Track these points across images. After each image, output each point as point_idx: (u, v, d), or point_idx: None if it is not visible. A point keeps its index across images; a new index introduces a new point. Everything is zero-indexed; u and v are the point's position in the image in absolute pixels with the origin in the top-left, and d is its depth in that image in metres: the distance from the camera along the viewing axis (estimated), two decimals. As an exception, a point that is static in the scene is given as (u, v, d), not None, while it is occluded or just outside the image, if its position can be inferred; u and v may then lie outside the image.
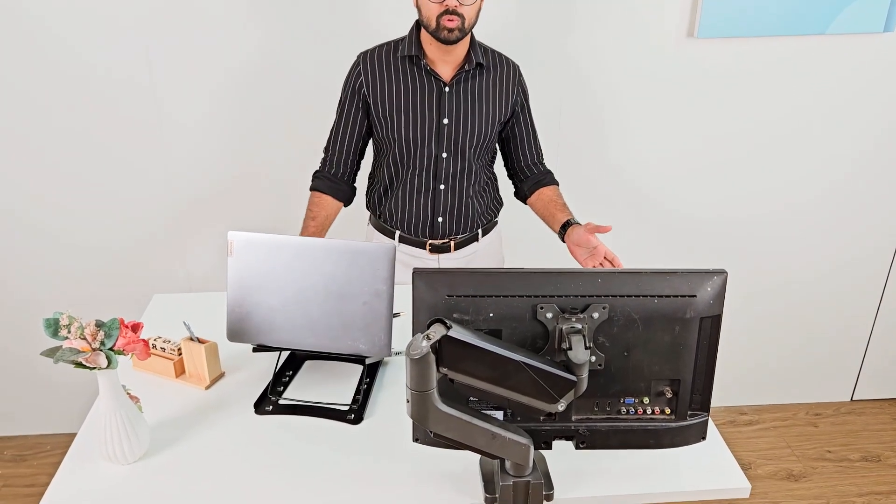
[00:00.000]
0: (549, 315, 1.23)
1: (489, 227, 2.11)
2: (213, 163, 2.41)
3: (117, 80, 2.27)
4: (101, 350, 1.29)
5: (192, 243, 2.53)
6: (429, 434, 1.22)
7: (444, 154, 1.93)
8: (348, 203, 2.03)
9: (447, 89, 1.89)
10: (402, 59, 1.89)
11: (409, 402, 1.15)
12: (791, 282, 2.76)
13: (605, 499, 1.34)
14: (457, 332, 1.12)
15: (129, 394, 1.39)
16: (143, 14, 2.20)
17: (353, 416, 1.51)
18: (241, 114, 2.36)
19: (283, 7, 2.23)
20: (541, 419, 1.31)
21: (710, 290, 1.24)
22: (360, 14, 2.25)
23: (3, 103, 2.27)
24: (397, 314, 1.78)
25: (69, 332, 1.28)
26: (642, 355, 1.26)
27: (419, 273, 1.23)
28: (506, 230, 2.21)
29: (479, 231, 2.07)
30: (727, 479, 1.36)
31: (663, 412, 1.32)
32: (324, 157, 2.01)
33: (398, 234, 2.04)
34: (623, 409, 1.31)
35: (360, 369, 1.66)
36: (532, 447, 1.25)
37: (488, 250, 2.12)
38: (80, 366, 1.27)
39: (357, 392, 1.59)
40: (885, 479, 2.61)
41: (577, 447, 1.33)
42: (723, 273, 1.25)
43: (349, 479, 1.35)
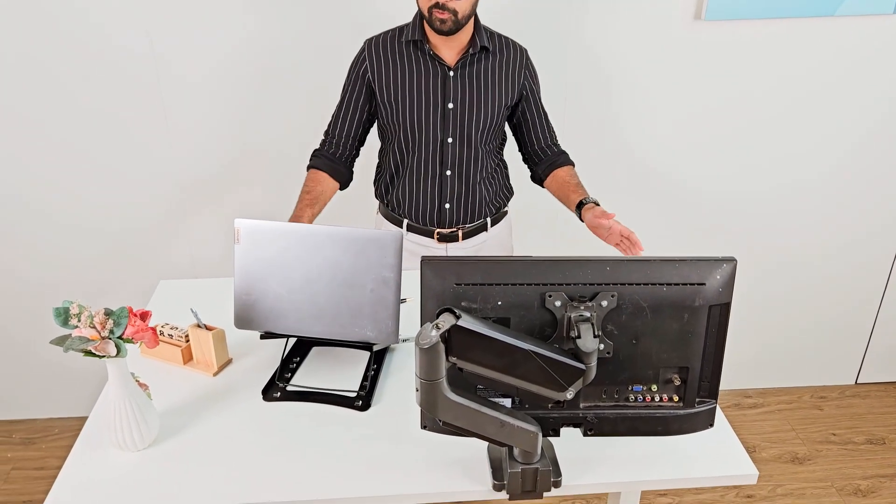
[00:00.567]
0: (558, 303, 1.22)
1: (499, 216, 2.09)
2: (217, 148, 2.41)
3: (122, 65, 2.26)
4: (111, 338, 1.29)
5: (198, 229, 2.52)
6: (437, 422, 1.22)
7: (449, 139, 1.92)
8: (344, 186, 2.00)
9: (452, 73, 1.87)
10: (407, 45, 1.88)
11: (418, 390, 1.16)
12: (796, 264, 2.76)
13: (612, 485, 1.35)
14: (466, 322, 1.12)
15: (138, 381, 1.40)
16: (146, -2, 2.19)
17: (360, 402, 1.51)
18: (247, 100, 2.35)
19: (287, -10, 2.22)
20: (549, 407, 1.31)
21: (719, 278, 1.24)
22: (365, -2, 2.24)
23: (7, 89, 2.27)
24: (403, 300, 1.78)
25: (79, 320, 1.28)
26: (651, 343, 1.26)
27: (427, 261, 1.23)
28: (516, 220, 2.21)
29: (488, 220, 2.06)
30: (735, 465, 1.37)
31: (671, 399, 1.32)
32: (323, 139, 2.00)
33: (406, 222, 2.03)
34: (631, 397, 1.31)
35: (367, 356, 1.67)
36: (540, 434, 1.26)
37: (497, 240, 2.11)
38: (89, 354, 1.28)
39: (364, 378, 1.59)
40: (889, 462, 2.62)
41: (584, 434, 1.34)
42: (732, 261, 1.25)
43: (357, 465, 1.36)
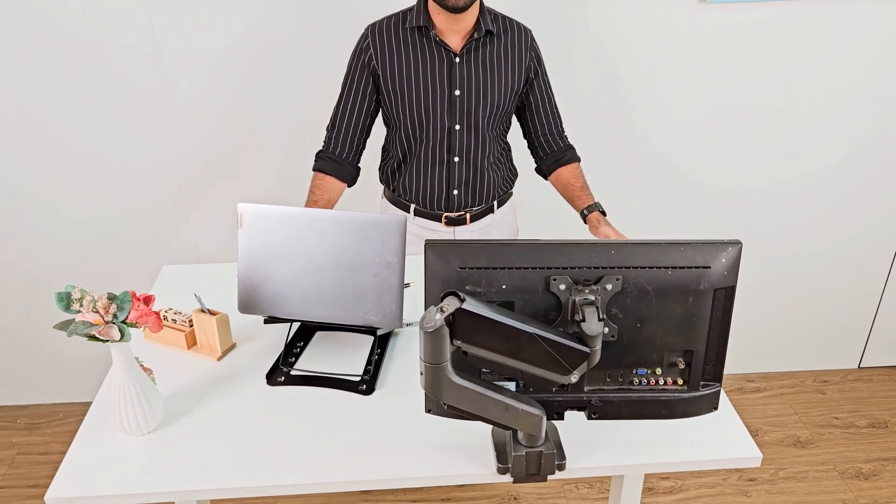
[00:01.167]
0: (563, 287, 1.22)
1: (504, 198, 2.09)
2: (219, 133, 2.39)
3: (121, 51, 2.24)
4: (114, 323, 1.29)
5: (200, 213, 2.52)
6: (441, 405, 1.22)
7: (457, 126, 1.90)
8: (352, 184, 1.98)
9: (458, 60, 1.84)
10: (411, 31, 1.84)
11: (422, 374, 1.16)
12: (800, 248, 2.75)
13: (616, 468, 1.35)
14: (471, 305, 1.12)
15: (142, 366, 1.40)
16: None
17: (364, 386, 1.52)
18: (248, 83, 2.33)
19: (288, -27, 2.20)
20: (553, 390, 1.31)
21: (724, 261, 1.24)
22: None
23: (6, 79, 2.25)
24: (407, 284, 1.78)
25: (81, 305, 1.28)
26: (655, 327, 1.26)
27: (431, 245, 1.22)
28: (520, 201, 2.20)
29: (495, 203, 2.05)
30: (738, 448, 1.37)
31: (676, 383, 1.32)
32: (327, 136, 1.95)
33: (413, 207, 2.02)
34: (636, 380, 1.31)
35: (370, 340, 1.67)
36: (544, 418, 1.26)
37: (503, 221, 2.10)
38: (93, 338, 1.28)
39: (368, 363, 1.59)
40: (891, 446, 2.62)
41: (589, 418, 1.34)
42: (737, 244, 1.24)
43: (361, 449, 1.36)
